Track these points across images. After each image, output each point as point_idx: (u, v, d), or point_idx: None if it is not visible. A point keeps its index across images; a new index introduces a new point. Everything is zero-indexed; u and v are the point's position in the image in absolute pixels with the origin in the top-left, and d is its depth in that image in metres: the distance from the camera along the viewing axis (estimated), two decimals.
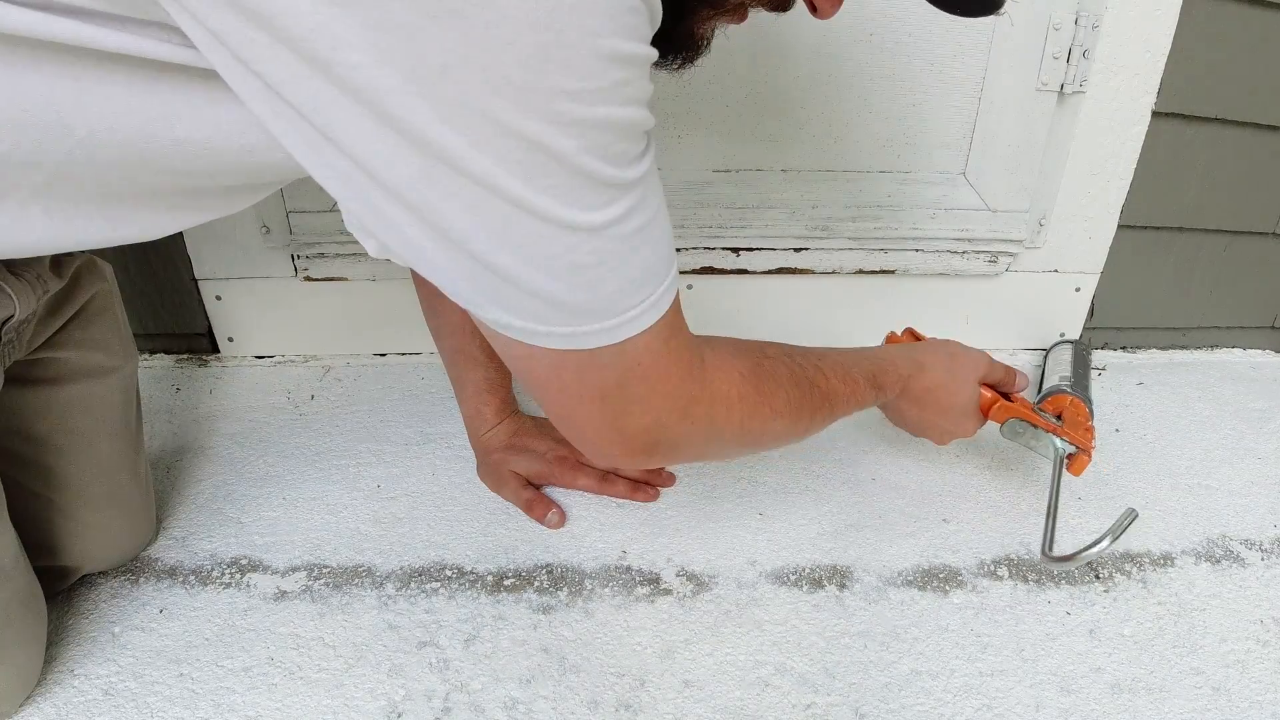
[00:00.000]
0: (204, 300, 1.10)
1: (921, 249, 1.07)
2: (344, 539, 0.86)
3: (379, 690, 0.71)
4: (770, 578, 0.82)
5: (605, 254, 0.49)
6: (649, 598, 0.80)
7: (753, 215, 1.04)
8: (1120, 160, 1.03)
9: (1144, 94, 0.98)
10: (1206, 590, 0.82)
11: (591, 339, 0.52)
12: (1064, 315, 1.16)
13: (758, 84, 1.00)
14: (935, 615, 0.79)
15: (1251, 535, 0.88)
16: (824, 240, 1.06)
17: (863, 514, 0.90)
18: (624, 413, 0.57)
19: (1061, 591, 0.81)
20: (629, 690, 0.72)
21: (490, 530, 0.87)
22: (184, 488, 0.92)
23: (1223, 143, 1.02)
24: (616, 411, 0.56)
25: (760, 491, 0.92)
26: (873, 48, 0.97)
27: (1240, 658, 0.75)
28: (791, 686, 0.73)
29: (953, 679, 0.73)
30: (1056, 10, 0.92)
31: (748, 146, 1.05)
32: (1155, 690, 0.72)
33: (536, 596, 0.80)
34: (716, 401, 0.61)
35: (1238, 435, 1.03)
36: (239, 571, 0.82)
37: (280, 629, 0.76)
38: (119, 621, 0.77)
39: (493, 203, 0.45)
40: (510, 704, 0.71)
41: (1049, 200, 1.05)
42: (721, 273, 1.09)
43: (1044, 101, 0.98)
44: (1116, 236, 1.08)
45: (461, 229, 0.46)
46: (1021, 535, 0.87)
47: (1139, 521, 0.89)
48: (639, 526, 0.88)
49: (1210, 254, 1.12)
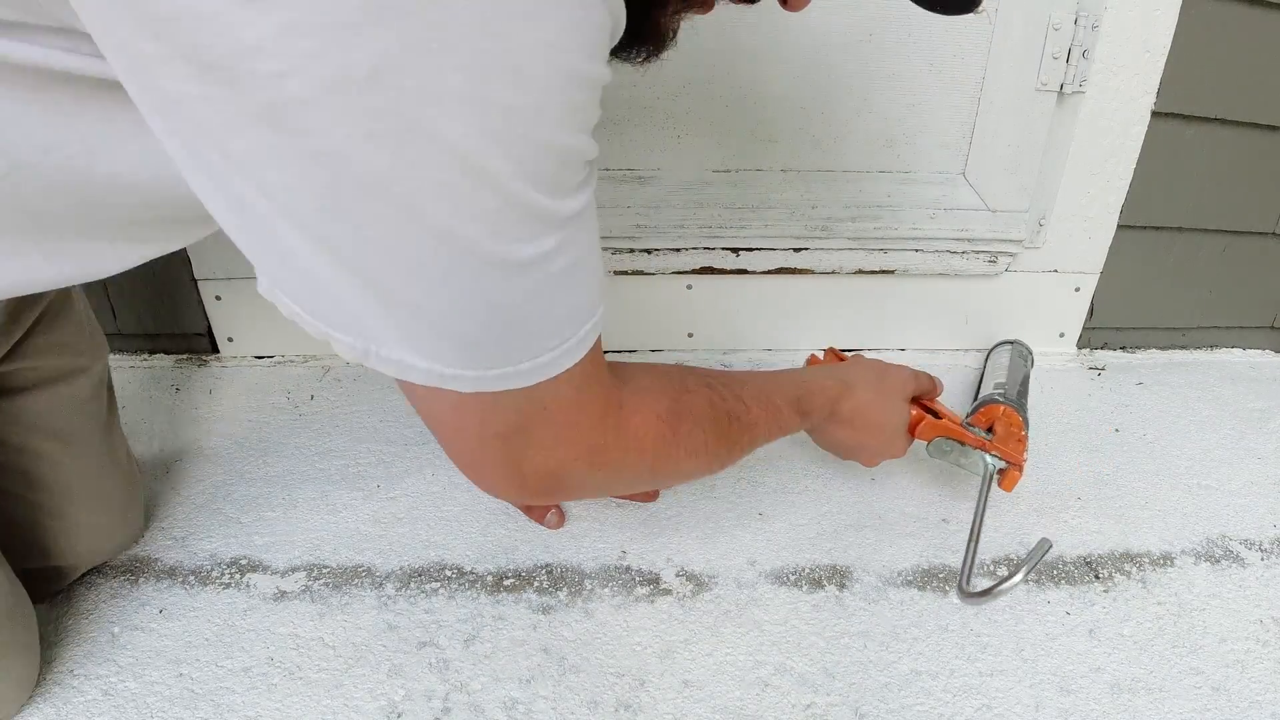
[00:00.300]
0: (204, 300, 1.10)
1: (921, 249, 1.07)
2: (344, 539, 0.86)
3: (379, 690, 0.71)
4: (770, 578, 0.82)
5: (527, 293, 0.45)
6: (649, 598, 0.80)
7: (752, 215, 1.04)
8: (1120, 160, 1.03)
9: (1144, 94, 0.98)
10: (1206, 590, 0.82)
11: (500, 382, 0.48)
12: (1064, 315, 1.16)
13: (758, 84, 1.00)
14: (935, 615, 0.79)
15: (1251, 535, 0.88)
16: (824, 240, 1.06)
17: (863, 514, 0.90)
18: (524, 457, 0.53)
19: (1061, 591, 0.81)
20: (629, 690, 0.72)
21: (490, 530, 0.87)
22: (183, 488, 0.92)
23: (1223, 143, 1.02)
24: (518, 455, 0.53)
25: (760, 491, 0.92)
26: (873, 48, 0.97)
27: (1240, 658, 0.75)
28: (791, 686, 0.73)
29: (953, 679, 0.73)
30: (1056, 10, 0.92)
31: (748, 146, 1.05)
32: (1155, 690, 0.72)
33: (536, 596, 0.80)
34: (628, 449, 0.58)
35: (1238, 435, 1.03)
36: (239, 571, 0.82)
37: (280, 629, 0.76)
38: (118, 622, 0.77)
39: (410, 231, 0.40)
40: (510, 704, 0.71)
41: (1048, 200, 1.05)
42: (721, 273, 1.09)
43: (1043, 101, 0.98)
44: (1116, 236, 1.08)
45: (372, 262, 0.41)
46: (1021, 535, 0.87)
47: (1139, 521, 0.90)
48: (639, 526, 0.88)
49: (1210, 254, 1.12)
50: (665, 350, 1.16)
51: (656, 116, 1.02)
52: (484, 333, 0.45)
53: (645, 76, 0.98)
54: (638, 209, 1.04)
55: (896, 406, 0.81)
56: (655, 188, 1.05)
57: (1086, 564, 0.84)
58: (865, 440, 0.80)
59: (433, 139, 0.37)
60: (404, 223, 0.40)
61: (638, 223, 1.04)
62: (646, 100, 1.00)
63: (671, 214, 1.04)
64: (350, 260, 0.41)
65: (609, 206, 1.04)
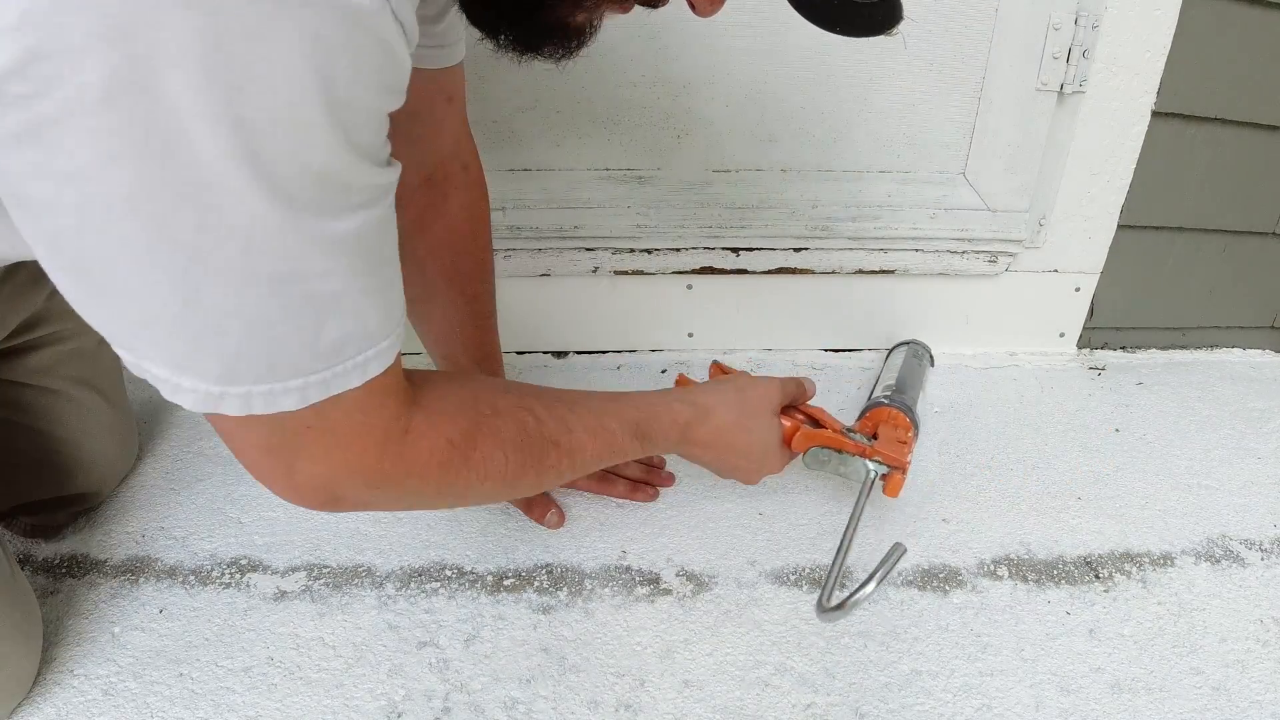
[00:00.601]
0: None
1: (921, 249, 1.07)
2: (344, 539, 0.86)
3: (379, 690, 0.71)
4: (770, 578, 0.82)
5: (287, 311, 0.44)
6: (649, 598, 0.80)
7: (752, 215, 1.04)
8: (1120, 160, 1.03)
9: (1144, 94, 0.98)
10: (1206, 590, 0.82)
11: (268, 402, 0.47)
12: (1064, 315, 1.16)
13: (758, 84, 1.00)
14: (935, 615, 0.79)
15: (1251, 535, 0.88)
16: (824, 240, 1.06)
17: (863, 514, 0.90)
18: (295, 469, 0.52)
19: (1061, 591, 0.81)
20: (629, 690, 0.72)
21: (490, 530, 0.87)
22: (184, 487, 0.92)
23: (1223, 143, 1.02)
24: (288, 466, 0.52)
25: (760, 491, 0.92)
26: (873, 48, 0.97)
27: (1240, 658, 0.75)
28: (791, 686, 0.73)
29: (953, 679, 0.73)
30: (1056, 10, 0.92)
31: (748, 146, 1.05)
32: (1155, 690, 0.72)
33: (536, 596, 0.80)
34: (409, 474, 0.56)
35: (1238, 435, 1.03)
36: (239, 571, 0.82)
37: (280, 629, 0.77)
38: (119, 621, 0.77)
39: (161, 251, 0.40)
40: (510, 704, 0.71)
41: (1049, 200, 1.05)
42: (721, 273, 1.09)
43: (1044, 101, 0.98)
44: (1116, 236, 1.08)
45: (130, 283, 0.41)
46: (1021, 535, 0.87)
47: (1139, 521, 0.90)
48: (639, 526, 0.88)
49: (1210, 254, 1.12)
50: (665, 350, 1.17)
51: (656, 116, 1.02)
52: (244, 349, 0.45)
53: (645, 76, 0.99)
54: (638, 209, 1.04)
55: (762, 424, 0.77)
56: (655, 188, 1.05)
57: (1086, 564, 0.84)
58: (734, 461, 0.78)
59: (171, 155, 0.38)
60: (153, 242, 0.40)
61: (638, 223, 1.04)
62: (646, 100, 1.00)
63: (671, 214, 1.04)
64: (100, 280, 0.42)
65: (609, 206, 1.04)
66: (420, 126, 0.77)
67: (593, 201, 1.04)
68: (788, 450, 0.81)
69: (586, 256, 1.07)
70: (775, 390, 0.79)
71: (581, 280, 1.10)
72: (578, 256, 1.07)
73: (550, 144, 1.04)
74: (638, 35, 0.96)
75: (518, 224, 1.03)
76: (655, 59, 0.97)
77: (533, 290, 1.10)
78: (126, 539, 0.86)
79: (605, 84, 0.99)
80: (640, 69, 0.98)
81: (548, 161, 1.05)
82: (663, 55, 0.97)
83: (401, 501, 0.61)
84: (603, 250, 1.07)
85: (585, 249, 1.07)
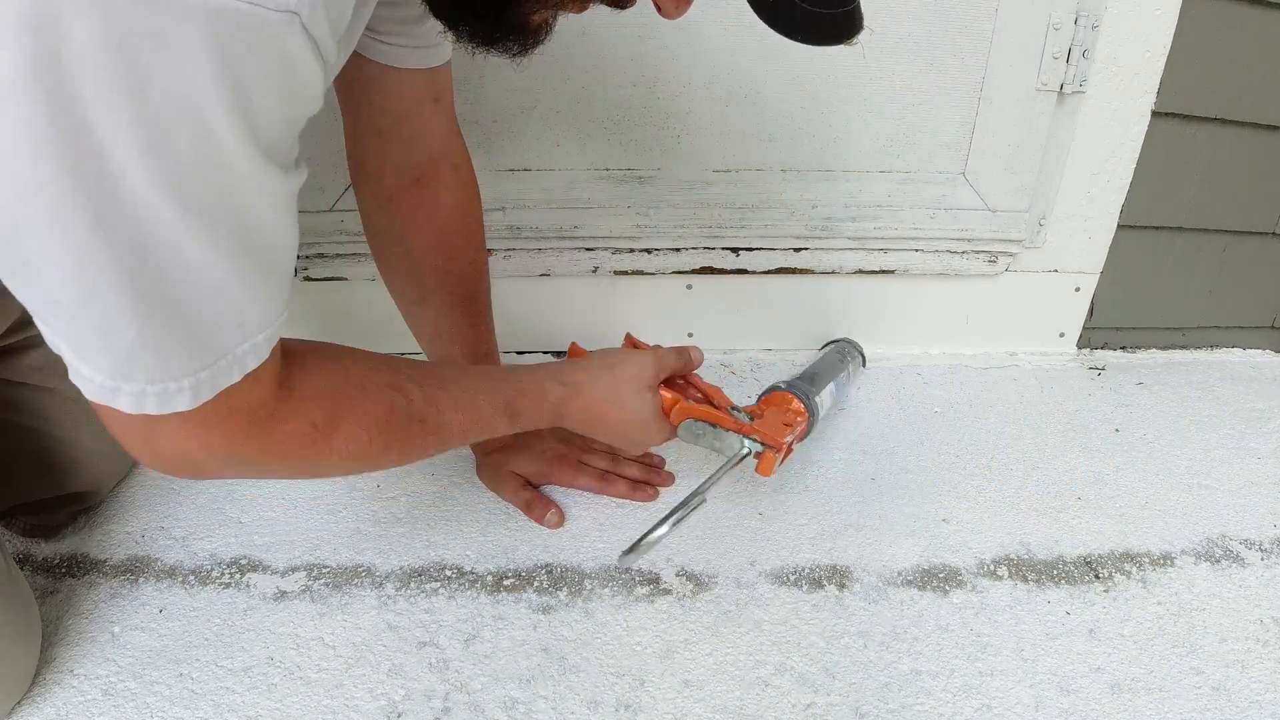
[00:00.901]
0: None
1: (921, 249, 1.07)
2: (344, 539, 0.86)
3: (379, 690, 0.71)
4: (770, 578, 0.82)
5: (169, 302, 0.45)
6: (649, 598, 0.80)
7: (752, 215, 1.04)
8: (1120, 160, 1.03)
9: (1144, 94, 0.98)
10: (1206, 590, 0.82)
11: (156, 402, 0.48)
12: (1064, 315, 1.16)
13: (758, 84, 1.00)
14: (935, 615, 0.79)
15: (1251, 535, 0.88)
16: (824, 240, 1.06)
17: (863, 514, 0.90)
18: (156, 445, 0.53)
19: (1061, 591, 0.81)
20: (629, 690, 0.72)
21: (490, 530, 0.87)
22: (184, 488, 0.92)
23: (1223, 143, 1.02)
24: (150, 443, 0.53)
25: (760, 491, 0.92)
26: (873, 47, 0.97)
27: (1240, 658, 0.75)
28: (791, 686, 0.73)
29: (953, 679, 0.73)
30: (1056, 10, 0.93)
31: (748, 146, 1.05)
32: (1155, 690, 0.72)
33: (536, 596, 0.80)
34: (270, 454, 0.57)
35: (1238, 435, 1.03)
36: (239, 571, 0.82)
37: (280, 629, 0.76)
38: (118, 621, 0.77)
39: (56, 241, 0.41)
40: (510, 704, 0.71)
41: (1048, 200, 1.05)
42: (721, 273, 1.09)
43: (1044, 101, 0.98)
44: (1116, 236, 1.09)
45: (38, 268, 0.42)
46: (1021, 535, 0.87)
47: (1139, 521, 0.90)
48: (639, 526, 0.87)
49: (1210, 254, 1.12)
50: None
51: (656, 116, 1.02)
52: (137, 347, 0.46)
53: (646, 76, 0.99)
54: (638, 209, 1.04)
55: (635, 399, 0.77)
56: (655, 188, 1.05)
57: (1086, 564, 0.84)
58: (612, 435, 0.79)
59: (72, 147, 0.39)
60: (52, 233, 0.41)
61: (638, 222, 1.04)
62: (646, 100, 1.01)
63: (671, 214, 1.04)
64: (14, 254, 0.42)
65: (609, 206, 1.04)
66: (408, 128, 0.77)
67: (592, 201, 1.04)
68: (668, 422, 0.80)
69: (586, 256, 1.07)
70: (649, 364, 0.78)
71: (581, 280, 1.10)
72: (577, 256, 1.07)
73: (550, 144, 1.04)
74: (638, 35, 0.96)
75: (517, 224, 1.03)
76: (655, 59, 0.98)
77: (532, 290, 1.10)
78: (126, 539, 0.86)
79: (605, 84, 0.99)
80: (641, 69, 0.98)
81: (548, 161, 1.05)
82: (663, 55, 0.97)
83: (263, 475, 0.62)
84: (603, 250, 1.07)
85: (585, 249, 1.07)
